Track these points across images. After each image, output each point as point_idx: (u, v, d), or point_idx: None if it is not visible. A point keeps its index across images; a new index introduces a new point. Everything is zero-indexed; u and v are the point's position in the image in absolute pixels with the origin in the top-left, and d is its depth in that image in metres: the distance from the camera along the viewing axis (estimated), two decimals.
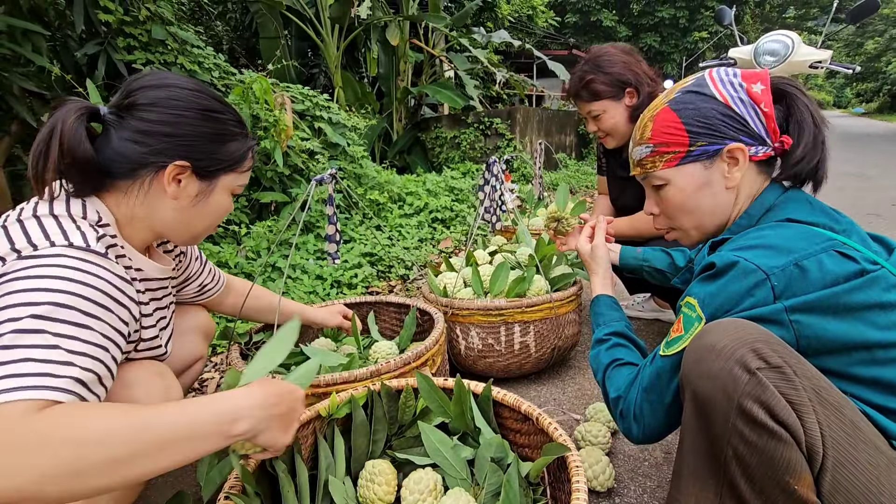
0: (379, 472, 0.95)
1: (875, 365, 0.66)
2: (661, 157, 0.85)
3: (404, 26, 6.07)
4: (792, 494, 0.60)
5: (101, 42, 2.68)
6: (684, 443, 0.72)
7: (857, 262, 0.67)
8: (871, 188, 5.41)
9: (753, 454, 0.61)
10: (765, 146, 0.80)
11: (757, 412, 0.60)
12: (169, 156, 0.79)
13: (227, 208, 0.91)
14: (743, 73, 0.82)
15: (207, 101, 0.83)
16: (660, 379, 0.79)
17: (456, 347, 1.62)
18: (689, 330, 0.73)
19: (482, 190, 1.91)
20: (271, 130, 2.80)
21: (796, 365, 0.61)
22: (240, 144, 0.88)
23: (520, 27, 11.57)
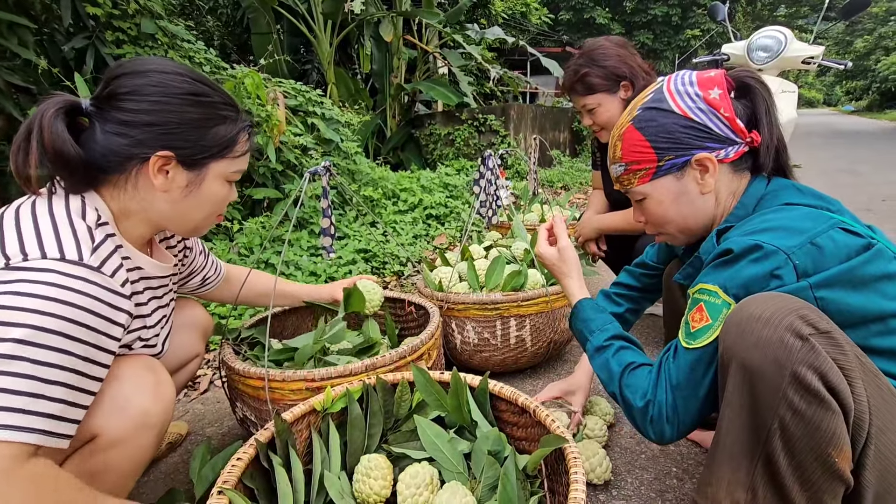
0: (375, 467, 0.94)
1: (890, 335, 0.68)
2: (634, 174, 0.89)
3: (398, 22, 6.03)
4: (831, 467, 0.60)
5: (89, 36, 2.63)
6: (723, 419, 0.70)
7: (861, 237, 0.70)
8: (861, 184, 5.45)
9: (800, 424, 0.60)
10: (734, 146, 0.83)
11: (811, 379, 0.59)
12: (151, 146, 0.75)
13: (225, 196, 0.88)
14: (699, 80, 0.84)
15: (190, 85, 0.79)
16: (693, 372, 0.76)
17: (451, 342, 1.61)
18: (718, 317, 0.72)
19: (478, 184, 1.90)
20: (263, 126, 2.77)
21: (839, 332, 0.62)
22: (229, 128, 0.83)
23: (513, 24, 11.56)
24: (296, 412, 0.96)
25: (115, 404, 0.78)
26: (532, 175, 2.92)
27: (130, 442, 0.80)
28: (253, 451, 0.86)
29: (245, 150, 0.88)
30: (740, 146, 0.83)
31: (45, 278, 0.63)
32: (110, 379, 0.79)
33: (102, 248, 0.72)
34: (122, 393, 0.80)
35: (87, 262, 0.68)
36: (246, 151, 0.88)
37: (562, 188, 6.15)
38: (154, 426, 0.83)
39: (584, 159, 8.22)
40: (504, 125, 6.29)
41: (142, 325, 0.87)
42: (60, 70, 2.43)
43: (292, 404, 1.05)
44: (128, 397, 0.80)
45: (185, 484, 1.08)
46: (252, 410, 1.17)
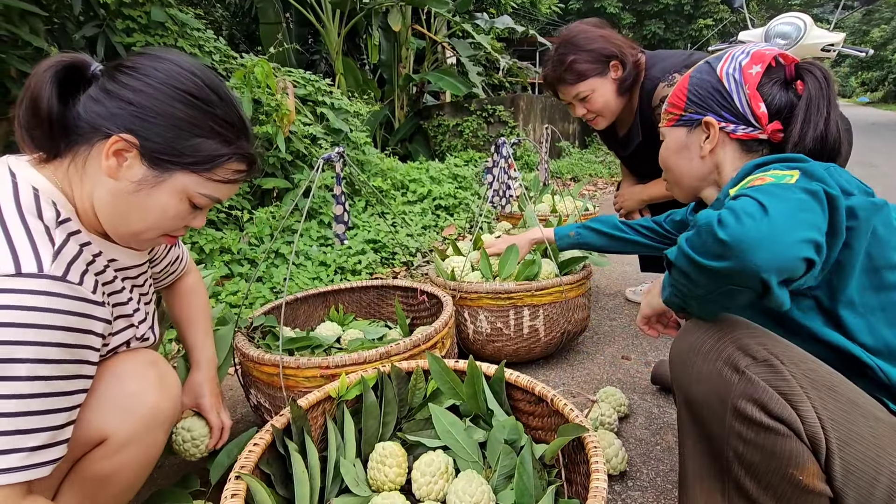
0: (389, 455, 0.93)
1: (884, 290, 0.66)
2: (667, 115, 0.93)
3: (406, 12, 5.97)
4: (798, 485, 0.59)
5: (100, 24, 2.63)
6: (685, 448, 0.72)
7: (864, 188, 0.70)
8: (877, 176, 5.36)
9: (755, 452, 0.61)
10: (748, 126, 0.82)
11: (752, 411, 0.59)
12: (118, 124, 0.68)
13: (176, 214, 0.75)
14: (753, 54, 0.83)
15: (196, 87, 0.71)
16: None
17: (464, 332, 1.60)
18: (786, 176, 0.65)
19: (490, 172, 1.88)
20: (273, 115, 2.76)
21: (783, 353, 0.61)
22: (216, 146, 0.73)
23: (523, 13, 11.42)
24: (311, 399, 0.96)
25: (122, 405, 0.75)
26: (543, 165, 2.89)
27: (142, 441, 0.77)
28: (269, 437, 0.86)
29: (229, 179, 0.76)
30: (753, 130, 0.82)
31: (5, 301, 0.56)
32: (113, 378, 0.75)
33: (65, 251, 0.64)
34: (128, 392, 0.76)
35: (49, 273, 0.60)
36: (230, 181, 0.77)
37: (571, 179, 6.10)
38: (164, 422, 0.80)
39: (593, 150, 8.14)
40: (513, 116, 6.23)
41: (128, 324, 0.81)
42: None
43: (307, 391, 1.05)
44: (135, 396, 0.76)
45: (200, 470, 1.08)
46: (266, 397, 1.17)
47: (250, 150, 0.79)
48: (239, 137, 0.77)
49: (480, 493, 0.84)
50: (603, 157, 7.69)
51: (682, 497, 0.75)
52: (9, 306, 0.56)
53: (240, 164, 0.78)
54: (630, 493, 1.09)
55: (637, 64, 1.58)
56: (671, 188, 0.99)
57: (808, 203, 0.58)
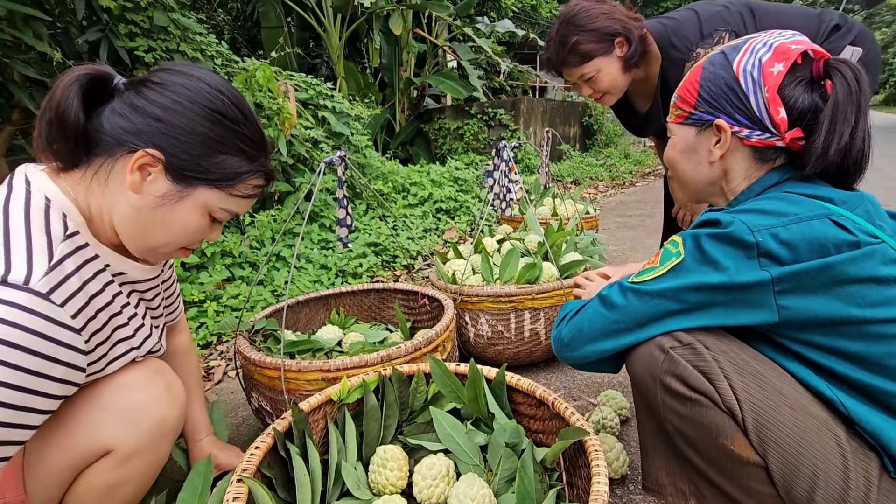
0: (391, 458, 0.94)
1: (862, 339, 0.65)
2: (676, 109, 0.85)
3: (407, 15, 6.00)
4: (732, 456, 0.65)
5: (103, 29, 2.64)
6: (640, 425, 0.80)
7: (851, 234, 0.64)
8: (881, 179, 5.36)
9: (686, 423, 0.68)
10: (764, 133, 0.74)
11: (674, 384, 0.68)
12: (145, 140, 0.68)
13: (197, 229, 0.75)
14: (777, 48, 0.73)
15: (221, 104, 0.72)
16: (625, 302, 0.74)
17: (465, 335, 1.60)
18: (666, 263, 0.72)
19: (491, 176, 1.88)
20: (274, 119, 2.77)
21: (711, 343, 0.68)
22: (240, 163, 0.75)
23: (523, 17, 11.45)
24: (312, 402, 0.96)
25: (128, 417, 0.74)
26: (544, 168, 2.90)
27: (148, 453, 0.77)
28: (271, 440, 0.86)
29: (248, 194, 0.78)
30: (769, 136, 0.74)
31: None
32: (118, 389, 0.75)
33: (62, 266, 0.63)
34: (135, 403, 0.75)
35: (33, 287, 0.59)
36: (249, 196, 0.79)
37: (572, 182, 6.11)
38: (170, 433, 0.80)
39: (594, 154, 8.15)
40: (514, 119, 6.24)
41: (128, 347, 0.79)
42: (74, 62, 2.44)
43: (308, 394, 1.05)
44: (142, 408, 0.75)
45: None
46: (268, 401, 1.17)
47: (270, 167, 0.80)
48: (260, 154, 0.78)
49: (482, 497, 0.84)
50: (604, 159, 7.70)
51: (645, 463, 0.80)
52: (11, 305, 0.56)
53: (259, 180, 0.79)
54: (631, 496, 1.09)
55: (643, 39, 1.50)
56: (676, 189, 0.95)
57: (614, 321, 0.75)
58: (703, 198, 0.88)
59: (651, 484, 0.79)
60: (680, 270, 0.70)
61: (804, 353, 0.68)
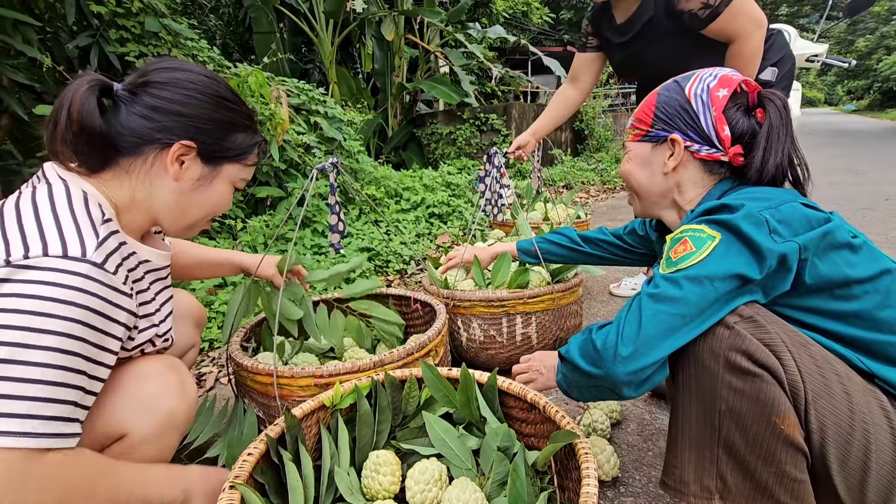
0: (383, 463, 0.94)
1: (851, 300, 0.72)
2: (633, 130, 0.96)
3: (399, 21, 6.03)
4: (780, 434, 0.65)
5: (93, 34, 2.63)
6: (678, 413, 0.76)
7: (821, 211, 0.75)
8: (864, 183, 5.44)
9: (742, 400, 0.68)
10: (712, 148, 0.86)
11: (740, 360, 0.68)
12: (176, 134, 0.78)
13: (226, 200, 0.90)
14: (721, 77, 0.86)
15: (222, 91, 0.84)
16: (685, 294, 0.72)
17: (457, 339, 1.61)
18: (703, 245, 0.73)
19: (482, 182, 1.90)
20: (267, 124, 2.77)
21: (764, 315, 0.71)
22: (247, 137, 0.88)
23: (515, 23, 11.55)
24: (305, 408, 0.96)
25: (144, 405, 0.80)
26: (536, 173, 2.92)
27: (157, 442, 0.81)
28: (263, 446, 0.86)
29: (255, 162, 0.92)
30: (716, 151, 0.85)
31: (46, 277, 0.62)
32: (137, 377, 0.80)
33: (106, 244, 0.71)
34: (150, 393, 0.81)
35: (91, 259, 0.67)
36: (254, 163, 0.92)
37: (564, 187, 6.15)
38: (179, 426, 0.85)
39: (585, 158, 8.21)
40: (506, 124, 6.28)
41: (150, 323, 0.86)
42: (65, 68, 2.43)
43: (301, 400, 1.05)
44: (155, 398, 0.81)
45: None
46: (260, 407, 1.17)
47: (261, 134, 0.93)
48: (256, 126, 0.91)
49: (474, 501, 0.85)
50: (595, 164, 7.76)
51: (670, 457, 0.77)
52: (51, 283, 0.62)
53: (258, 147, 0.92)
54: (622, 498, 1.10)
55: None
56: (633, 202, 1.02)
57: (679, 314, 0.71)
58: (657, 209, 0.97)
59: (673, 482, 0.76)
60: (721, 250, 0.71)
61: (808, 321, 0.74)
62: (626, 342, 0.74)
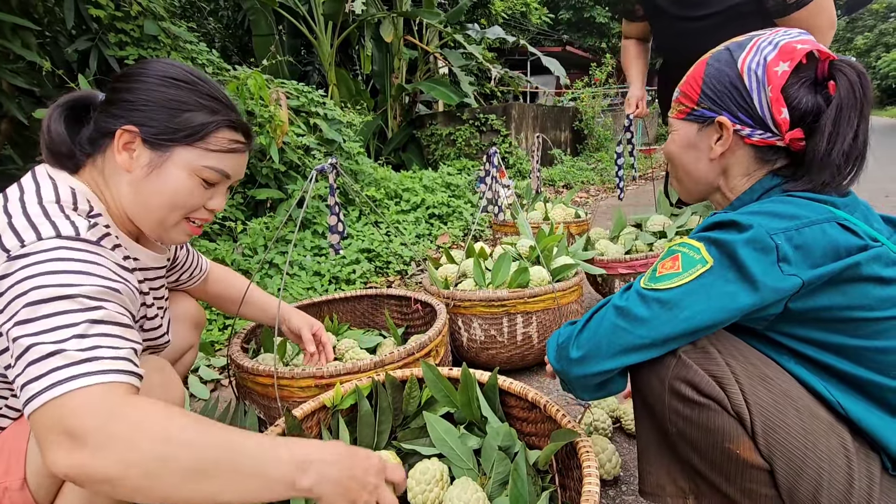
0: None
1: (858, 336, 0.66)
2: (679, 105, 0.85)
3: (398, 23, 6.04)
4: (736, 459, 0.65)
5: (92, 38, 2.64)
6: (640, 428, 0.78)
7: (859, 237, 0.65)
8: (864, 181, 5.38)
9: (692, 428, 0.67)
10: (766, 132, 0.74)
11: (685, 389, 0.67)
12: (122, 121, 0.76)
13: (189, 191, 0.79)
14: (782, 47, 0.72)
15: (179, 72, 0.79)
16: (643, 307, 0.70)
17: (458, 339, 1.61)
18: (690, 269, 0.68)
19: (483, 182, 1.90)
20: (266, 126, 2.77)
21: (722, 346, 0.69)
22: (205, 117, 0.79)
23: (514, 24, 11.57)
24: (306, 409, 0.96)
25: None
26: (535, 173, 2.93)
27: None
28: None
29: (225, 148, 0.81)
30: (771, 136, 0.73)
31: (51, 255, 0.62)
32: None
33: (95, 229, 0.71)
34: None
35: (85, 237, 0.67)
36: (229, 150, 0.81)
37: (564, 187, 6.15)
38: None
39: (584, 158, 8.22)
40: (505, 125, 6.29)
41: (142, 315, 0.85)
42: (64, 72, 2.44)
43: (301, 401, 1.05)
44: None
45: None
46: (261, 408, 1.17)
47: (237, 117, 0.83)
48: (222, 108, 0.82)
49: (476, 500, 0.84)
50: (595, 164, 7.76)
51: (644, 463, 0.78)
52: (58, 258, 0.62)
53: (232, 133, 0.82)
54: (624, 497, 1.10)
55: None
56: (676, 184, 0.92)
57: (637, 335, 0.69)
58: (702, 195, 0.87)
59: (650, 487, 0.77)
60: (709, 280, 0.66)
61: (799, 349, 0.68)
62: (578, 346, 0.75)
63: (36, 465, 0.72)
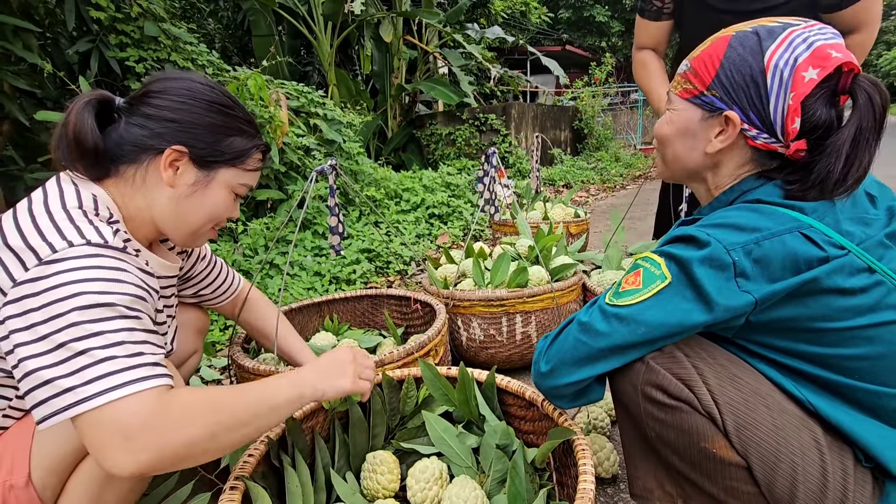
0: (381, 462, 0.95)
1: (822, 344, 0.66)
2: (686, 82, 0.77)
3: (398, 23, 6.04)
4: (713, 457, 0.66)
5: (93, 39, 2.65)
6: (623, 432, 0.80)
7: (820, 248, 0.63)
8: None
9: (667, 430, 0.69)
10: (771, 137, 0.70)
11: (654, 393, 0.69)
12: (168, 140, 0.79)
13: (226, 206, 0.88)
14: (816, 51, 0.66)
15: (216, 96, 0.84)
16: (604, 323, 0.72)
17: (457, 339, 1.62)
18: (650, 286, 0.69)
19: (482, 182, 1.91)
20: (266, 127, 2.78)
21: (688, 348, 0.70)
22: (245, 141, 0.87)
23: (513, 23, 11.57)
24: (305, 409, 0.97)
25: None
26: (535, 173, 2.93)
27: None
28: (264, 447, 0.87)
29: (256, 167, 0.91)
30: (774, 142, 0.70)
31: (87, 263, 0.65)
32: None
33: (118, 236, 0.74)
34: None
35: (113, 244, 0.70)
36: (257, 169, 0.91)
37: (564, 186, 6.15)
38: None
39: (584, 157, 8.22)
40: (505, 124, 6.29)
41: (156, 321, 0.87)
42: (65, 74, 2.45)
43: None
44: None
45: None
46: None
47: (262, 140, 0.92)
48: (256, 132, 0.91)
49: (474, 498, 0.85)
50: (595, 163, 7.77)
51: (631, 468, 0.80)
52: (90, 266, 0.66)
53: (260, 154, 0.91)
54: (622, 495, 1.11)
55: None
56: (659, 163, 0.87)
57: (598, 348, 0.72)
58: (684, 181, 0.85)
59: (639, 490, 0.78)
60: (666, 296, 0.67)
61: (767, 355, 0.70)
62: (546, 360, 0.78)
63: (41, 463, 0.73)
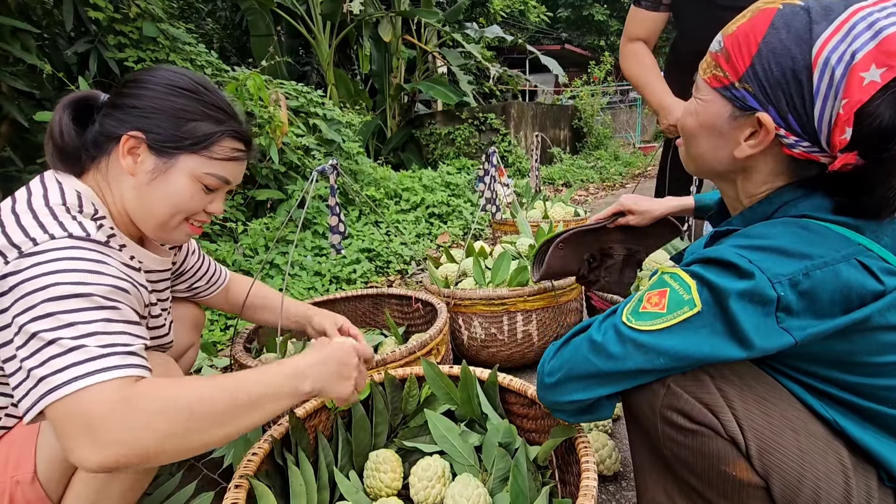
0: (383, 461, 0.95)
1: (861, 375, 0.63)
2: (716, 67, 0.65)
3: (396, 22, 6.04)
4: (733, 480, 0.63)
5: (92, 40, 2.65)
6: (634, 446, 0.77)
7: (877, 280, 0.56)
8: None
9: (687, 452, 0.65)
10: (813, 146, 0.59)
11: (676, 418, 0.64)
12: (127, 127, 0.77)
13: (192, 196, 0.82)
14: (884, 42, 0.51)
15: (184, 81, 0.81)
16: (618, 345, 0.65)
17: (458, 338, 1.62)
18: (675, 312, 0.61)
19: (482, 181, 1.91)
20: (266, 127, 2.78)
21: (714, 369, 0.64)
22: (209, 126, 0.81)
23: (512, 22, 11.57)
24: (308, 408, 0.97)
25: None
26: (534, 172, 2.93)
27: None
28: (268, 446, 0.87)
29: (228, 157, 0.83)
30: (816, 151, 0.59)
31: (64, 254, 0.65)
32: None
33: (102, 231, 0.74)
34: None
35: (95, 238, 0.70)
36: (230, 158, 0.83)
37: (563, 185, 6.16)
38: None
39: (584, 156, 8.22)
40: (504, 123, 6.29)
41: (150, 314, 0.87)
42: (64, 74, 2.44)
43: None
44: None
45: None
46: None
47: (241, 128, 0.86)
48: (227, 118, 0.84)
49: (477, 496, 0.85)
50: (594, 162, 7.77)
51: (640, 481, 0.78)
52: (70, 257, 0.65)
53: (235, 143, 0.84)
54: (624, 493, 1.11)
55: None
56: (684, 156, 0.78)
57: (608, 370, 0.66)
58: (711, 179, 0.77)
59: (647, 502, 0.76)
60: (694, 326, 0.60)
61: (797, 377, 0.66)
62: (551, 372, 0.73)
63: (46, 459, 0.73)
